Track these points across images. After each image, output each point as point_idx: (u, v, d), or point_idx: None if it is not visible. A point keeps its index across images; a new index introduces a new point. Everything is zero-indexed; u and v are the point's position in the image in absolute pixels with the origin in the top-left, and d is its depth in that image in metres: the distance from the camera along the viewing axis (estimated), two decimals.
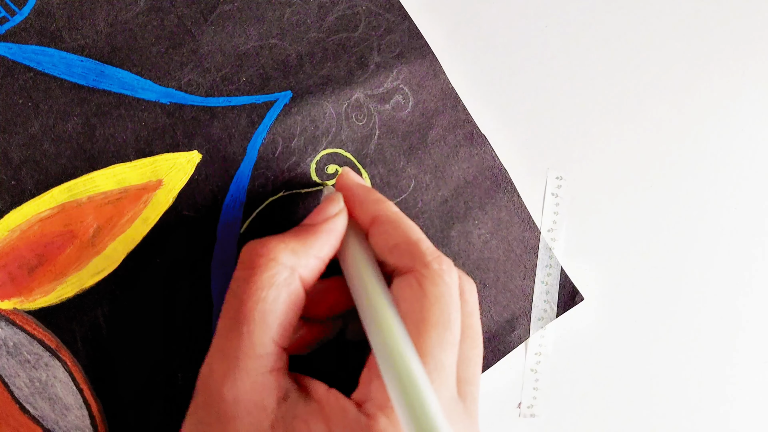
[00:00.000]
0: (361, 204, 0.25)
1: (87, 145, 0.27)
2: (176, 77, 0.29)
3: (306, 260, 0.23)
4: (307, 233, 0.24)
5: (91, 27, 0.28)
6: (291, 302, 0.22)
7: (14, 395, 0.26)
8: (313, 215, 0.25)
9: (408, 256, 0.23)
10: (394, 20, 0.32)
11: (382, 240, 0.24)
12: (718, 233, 0.35)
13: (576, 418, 0.34)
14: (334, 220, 0.24)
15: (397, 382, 0.19)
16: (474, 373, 0.24)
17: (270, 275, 0.22)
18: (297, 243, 0.23)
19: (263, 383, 0.21)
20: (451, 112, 0.32)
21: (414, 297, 0.22)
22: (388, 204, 0.25)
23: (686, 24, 0.35)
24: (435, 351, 0.21)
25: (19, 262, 0.26)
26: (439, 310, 0.22)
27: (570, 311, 0.33)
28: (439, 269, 0.22)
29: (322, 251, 0.23)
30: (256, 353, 0.21)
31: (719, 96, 0.35)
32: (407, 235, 0.24)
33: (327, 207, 0.25)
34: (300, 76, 0.30)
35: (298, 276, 0.23)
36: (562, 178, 0.34)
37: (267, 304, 0.22)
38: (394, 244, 0.23)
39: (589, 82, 0.34)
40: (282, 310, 0.22)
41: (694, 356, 0.35)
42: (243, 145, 0.29)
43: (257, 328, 0.21)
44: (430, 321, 0.21)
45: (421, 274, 0.22)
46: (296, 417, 0.21)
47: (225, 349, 0.22)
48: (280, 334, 0.22)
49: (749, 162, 0.36)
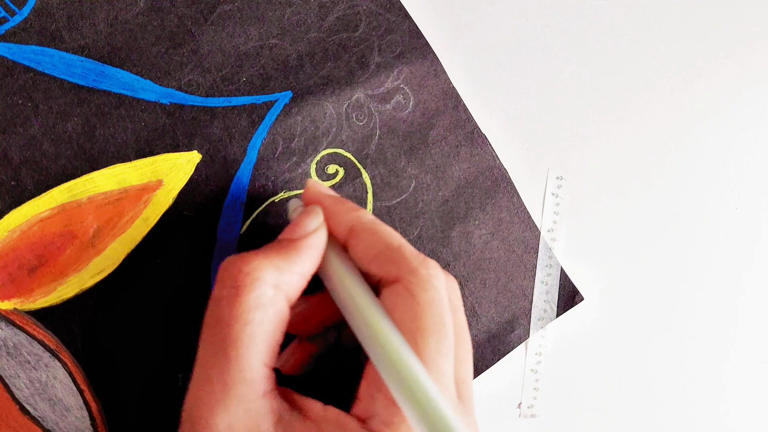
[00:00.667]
0: (334, 215, 0.24)
1: (87, 145, 0.27)
2: (176, 77, 0.29)
3: (290, 277, 0.22)
4: (289, 249, 0.23)
5: (91, 27, 0.28)
6: (278, 321, 0.22)
7: (14, 396, 0.26)
8: (291, 230, 0.24)
9: (392, 264, 0.22)
10: (395, 20, 0.31)
11: (362, 250, 0.23)
12: (717, 233, 0.35)
13: (576, 418, 0.34)
14: (315, 235, 0.23)
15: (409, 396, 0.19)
16: (467, 371, 0.24)
17: (256, 295, 0.21)
18: (280, 260, 0.22)
19: (257, 409, 0.20)
20: (452, 112, 0.32)
21: (406, 305, 0.21)
22: (362, 212, 0.24)
23: (686, 24, 0.35)
24: (435, 358, 0.21)
25: (20, 263, 0.26)
26: (433, 316, 0.21)
27: (570, 311, 0.33)
28: (426, 274, 0.22)
29: (305, 267, 0.23)
30: (247, 378, 0.20)
31: (719, 96, 0.35)
32: (388, 242, 0.23)
33: (305, 221, 0.24)
34: (300, 76, 0.30)
35: (283, 294, 0.22)
36: (562, 178, 0.34)
37: (254, 325, 0.21)
38: (375, 253, 0.23)
39: (589, 82, 0.34)
40: (269, 331, 0.21)
41: (693, 356, 0.35)
42: (243, 146, 0.29)
43: (246, 352, 0.20)
44: (425, 328, 0.21)
45: (409, 281, 0.22)
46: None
47: (212, 376, 0.20)
48: (269, 356, 0.21)
49: (749, 162, 0.36)
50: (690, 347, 0.35)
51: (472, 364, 0.24)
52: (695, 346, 0.35)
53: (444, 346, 0.21)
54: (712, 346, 0.35)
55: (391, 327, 0.21)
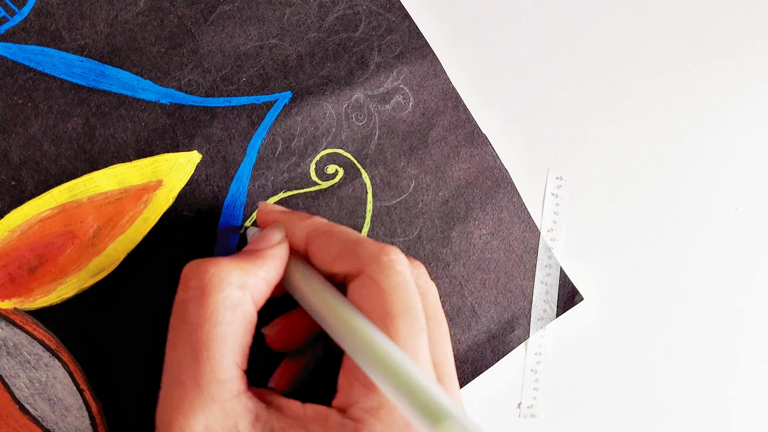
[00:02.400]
0: (290, 227, 0.24)
1: (87, 145, 0.27)
2: (176, 77, 0.29)
3: (255, 280, 0.22)
4: (253, 256, 0.23)
5: (91, 27, 0.28)
6: (246, 322, 0.22)
7: (14, 396, 0.26)
8: (255, 243, 0.24)
9: (353, 258, 0.23)
10: (395, 20, 0.31)
11: (322, 252, 0.23)
12: (717, 233, 0.35)
13: (576, 418, 0.34)
14: (278, 247, 0.24)
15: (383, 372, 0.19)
16: (445, 352, 0.24)
17: (223, 296, 0.21)
18: (245, 263, 0.22)
19: (233, 408, 0.20)
20: (452, 112, 0.32)
21: (372, 294, 0.22)
22: (315, 218, 0.25)
23: (686, 24, 0.35)
24: (407, 340, 0.21)
25: (20, 263, 0.26)
26: (400, 299, 0.21)
27: (570, 311, 0.33)
28: (387, 260, 0.22)
29: (269, 274, 0.23)
30: (220, 378, 0.20)
31: (719, 96, 0.35)
32: (345, 238, 0.23)
33: (268, 235, 0.24)
34: (300, 76, 0.30)
35: (249, 295, 0.22)
36: (562, 178, 0.34)
37: (224, 326, 0.21)
38: (335, 252, 0.23)
39: (589, 82, 0.34)
40: (240, 332, 0.21)
41: (693, 356, 0.35)
42: (243, 146, 0.29)
43: (218, 353, 0.20)
44: (393, 312, 0.21)
45: (371, 270, 0.22)
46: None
47: (184, 379, 0.20)
48: (240, 357, 0.21)
49: (749, 162, 0.36)
50: (690, 347, 0.35)
51: (450, 346, 0.24)
52: (695, 346, 0.35)
53: (415, 327, 0.21)
54: (712, 346, 0.35)
55: (357, 313, 0.21)
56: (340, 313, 0.21)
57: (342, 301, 0.22)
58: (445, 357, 0.23)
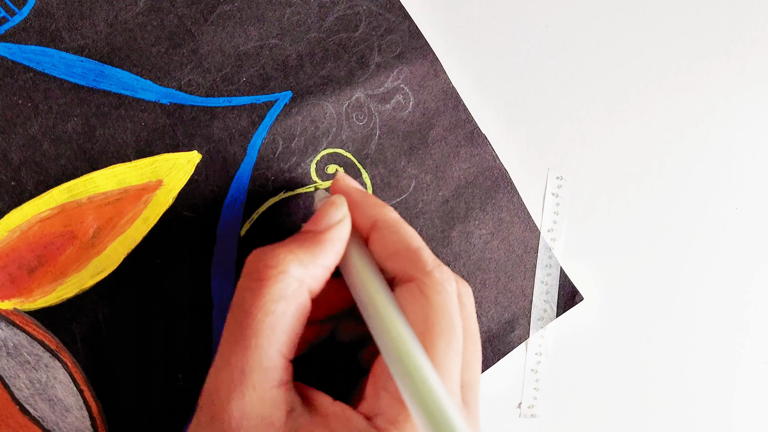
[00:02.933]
0: (359, 209, 0.25)
1: (87, 145, 0.27)
2: (176, 77, 0.29)
3: (313, 270, 0.22)
4: (314, 242, 0.23)
5: (91, 27, 0.28)
6: (299, 314, 0.22)
7: (14, 396, 0.26)
8: (316, 220, 0.24)
9: (409, 264, 0.23)
10: (395, 20, 0.31)
11: (382, 246, 0.24)
12: (718, 233, 0.35)
13: (576, 418, 0.34)
14: (339, 227, 0.24)
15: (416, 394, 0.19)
16: (474, 376, 0.24)
17: (280, 288, 0.21)
18: (305, 253, 0.22)
19: (271, 398, 0.21)
20: (452, 112, 0.32)
21: (418, 306, 0.22)
22: (387, 209, 0.25)
23: (686, 24, 0.35)
24: (443, 359, 0.21)
25: (19, 263, 0.26)
26: (444, 318, 0.22)
27: (570, 311, 0.33)
28: (440, 278, 0.22)
29: (328, 260, 0.23)
30: (264, 367, 0.21)
31: (719, 96, 0.35)
32: (408, 242, 0.23)
33: (330, 212, 0.24)
34: (300, 76, 0.30)
35: (306, 288, 0.22)
36: (562, 178, 0.34)
37: (276, 316, 0.21)
38: (394, 250, 0.23)
39: (589, 82, 0.34)
40: (290, 323, 0.22)
41: (694, 356, 0.35)
42: (243, 146, 0.29)
43: (266, 341, 0.21)
44: (435, 330, 0.21)
45: (423, 283, 0.22)
46: (301, 429, 0.21)
47: (231, 363, 0.21)
48: (287, 347, 0.22)
49: (749, 162, 0.36)
50: (690, 347, 0.35)
51: (479, 370, 0.24)
52: (695, 346, 0.35)
53: (452, 348, 0.22)
54: (712, 346, 0.35)
55: (406, 325, 0.21)
56: (387, 316, 0.21)
57: (393, 306, 0.22)
58: (473, 381, 0.24)
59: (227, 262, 0.28)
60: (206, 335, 0.28)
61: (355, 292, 0.23)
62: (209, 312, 0.28)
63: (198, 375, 0.28)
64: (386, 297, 0.22)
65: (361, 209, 0.25)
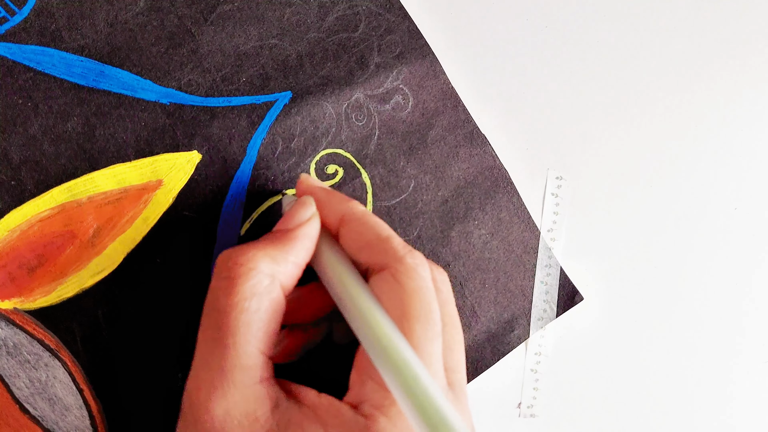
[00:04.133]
0: (326, 206, 0.25)
1: (87, 145, 0.27)
2: (176, 77, 0.29)
3: (285, 267, 0.23)
4: (283, 239, 0.23)
5: (91, 27, 0.28)
6: (273, 310, 0.22)
7: (14, 395, 0.26)
8: (285, 221, 0.24)
9: (380, 253, 0.23)
10: (395, 20, 0.31)
11: (352, 239, 0.24)
12: (718, 233, 0.35)
13: (576, 418, 0.34)
14: (308, 225, 0.24)
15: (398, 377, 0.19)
16: (458, 360, 0.24)
17: (251, 284, 0.22)
18: (274, 249, 0.23)
19: (254, 394, 0.21)
20: (451, 112, 0.32)
21: (392, 292, 0.22)
22: (354, 203, 0.25)
23: (686, 24, 0.35)
24: (422, 343, 0.21)
25: (19, 263, 0.26)
26: (419, 302, 0.22)
27: (570, 311, 0.33)
28: (413, 263, 0.22)
29: (299, 257, 0.23)
30: (243, 364, 0.21)
31: (719, 96, 0.35)
32: (377, 232, 0.24)
33: (299, 212, 0.24)
34: (300, 76, 0.30)
35: (278, 283, 0.22)
36: (562, 178, 0.34)
37: (250, 313, 0.21)
38: (364, 242, 0.23)
39: (589, 82, 0.34)
40: (265, 319, 0.22)
41: (693, 356, 0.35)
42: (243, 146, 0.29)
43: (242, 339, 0.21)
44: (412, 314, 0.22)
45: (396, 269, 0.22)
46: (290, 423, 0.21)
47: (210, 363, 0.21)
48: (265, 344, 0.22)
49: (749, 162, 0.36)
50: (690, 347, 0.35)
51: (463, 354, 0.25)
52: (695, 346, 0.35)
53: (431, 331, 0.22)
54: (712, 346, 0.35)
55: (382, 312, 0.21)
56: (363, 306, 0.22)
57: (367, 294, 0.22)
58: (457, 364, 0.24)
59: None
60: None
61: (329, 287, 0.23)
62: None
63: None
64: (359, 286, 0.22)
65: (328, 206, 0.25)
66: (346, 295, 0.22)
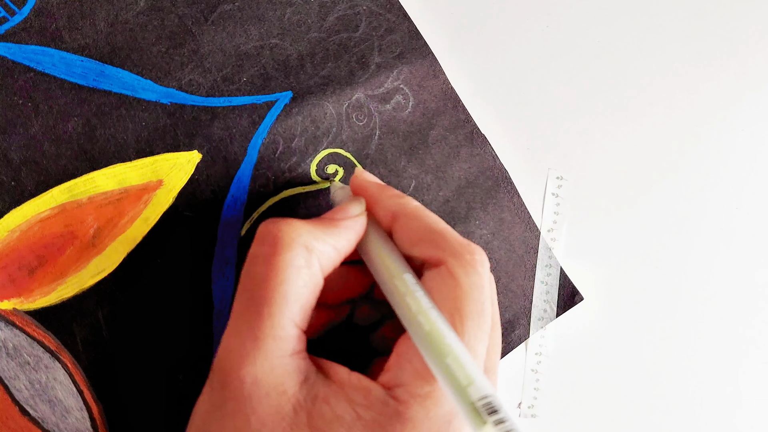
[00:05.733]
0: (379, 202, 0.25)
1: (87, 145, 0.27)
2: (177, 77, 0.29)
3: (324, 247, 0.22)
4: (327, 224, 0.23)
5: (91, 27, 0.28)
6: (312, 285, 0.22)
7: (14, 397, 0.26)
8: (334, 212, 0.24)
9: (436, 248, 0.22)
10: (395, 20, 0.32)
11: (406, 235, 0.24)
12: (718, 233, 0.35)
13: (576, 418, 0.34)
14: (355, 220, 0.24)
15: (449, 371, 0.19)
16: (495, 362, 0.24)
17: (292, 255, 0.21)
18: (317, 229, 0.23)
19: (284, 366, 0.21)
20: (452, 112, 0.32)
21: (447, 288, 0.21)
22: (407, 199, 0.25)
23: (687, 24, 0.35)
24: (472, 342, 0.21)
25: (19, 263, 0.26)
26: (474, 300, 0.21)
27: (570, 311, 0.33)
28: (471, 259, 0.22)
29: (339, 243, 0.23)
30: (277, 335, 0.21)
31: (720, 96, 0.35)
32: (432, 226, 0.23)
33: (348, 207, 0.24)
34: (301, 76, 0.30)
35: (317, 260, 0.22)
36: (562, 178, 0.34)
37: (289, 285, 0.21)
38: (419, 237, 0.23)
39: (590, 82, 0.34)
40: (303, 292, 0.21)
41: (694, 356, 0.35)
42: (243, 146, 0.29)
43: (278, 310, 0.21)
44: (465, 311, 0.21)
45: (452, 264, 0.22)
46: (317, 398, 0.21)
47: (244, 331, 0.21)
48: (300, 317, 0.22)
49: (750, 162, 0.36)
50: (690, 347, 0.35)
51: (499, 357, 0.24)
52: (696, 346, 0.35)
53: (482, 330, 0.21)
54: (712, 346, 0.35)
55: (429, 302, 0.21)
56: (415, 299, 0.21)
57: (418, 286, 0.22)
58: (494, 366, 0.24)
59: (228, 261, 0.28)
60: (207, 335, 0.28)
61: (379, 281, 0.23)
62: (209, 312, 0.28)
63: (198, 375, 0.28)
64: (411, 279, 0.22)
65: (381, 201, 0.25)
66: (395, 285, 0.22)
